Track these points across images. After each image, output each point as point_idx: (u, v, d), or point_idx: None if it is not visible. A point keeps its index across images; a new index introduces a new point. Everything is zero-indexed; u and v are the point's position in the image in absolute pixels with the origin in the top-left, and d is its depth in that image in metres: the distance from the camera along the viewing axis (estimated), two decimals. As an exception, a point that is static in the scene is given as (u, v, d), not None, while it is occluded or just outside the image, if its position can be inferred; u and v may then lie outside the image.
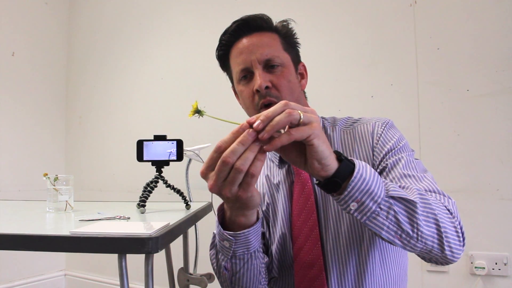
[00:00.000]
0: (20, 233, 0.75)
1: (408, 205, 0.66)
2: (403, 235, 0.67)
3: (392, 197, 0.66)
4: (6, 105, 2.58)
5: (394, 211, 0.65)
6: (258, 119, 0.58)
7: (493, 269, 1.54)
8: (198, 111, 0.65)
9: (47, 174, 1.12)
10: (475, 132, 1.60)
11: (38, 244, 0.74)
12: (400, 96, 1.76)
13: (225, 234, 0.73)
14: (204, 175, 0.62)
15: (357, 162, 0.64)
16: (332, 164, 0.62)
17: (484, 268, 1.55)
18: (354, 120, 0.97)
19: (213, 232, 0.89)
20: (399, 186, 0.74)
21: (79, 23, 2.97)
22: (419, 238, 0.67)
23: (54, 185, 1.11)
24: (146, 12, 2.62)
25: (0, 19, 2.57)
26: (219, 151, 0.59)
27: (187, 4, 2.45)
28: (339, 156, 0.64)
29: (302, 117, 0.58)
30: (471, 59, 1.62)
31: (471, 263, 1.57)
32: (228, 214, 0.72)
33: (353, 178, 0.62)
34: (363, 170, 0.64)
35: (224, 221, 0.75)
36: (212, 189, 0.61)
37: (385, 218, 0.65)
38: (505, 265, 1.53)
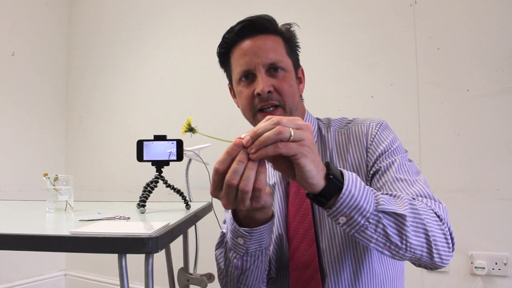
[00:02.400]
0: (20, 233, 0.75)
1: (398, 217, 0.67)
2: (392, 247, 0.67)
3: (382, 211, 0.66)
4: (6, 105, 2.58)
5: (383, 224, 0.66)
6: (247, 135, 0.58)
7: (493, 269, 1.54)
8: (190, 129, 0.65)
9: (47, 174, 1.12)
10: (475, 132, 1.60)
11: (38, 244, 0.74)
12: (400, 96, 1.76)
13: (241, 230, 0.73)
14: (215, 195, 0.63)
15: (346, 177, 0.64)
16: (319, 183, 0.62)
17: (484, 268, 1.55)
18: (348, 121, 0.97)
19: (222, 231, 0.89)
20: (391, 195, 0.74)
21: (79, 23, 2.97)
22: (408, 248, 0.68)
23: (54, 185, 1.11)
24: (146, 12, 2.62)
25: (0, 19, 2.57)
26: (218, 173, 0.60)
27: (187, 4, 2.45)
28: (328, 172, 0.63)
29: (292, 134, 0.58)
30: (471, 59, 1.62)
31: (471, 263, 1.57)
32: (243, 213, 0.73)
33: (341, 195, 0.62)
34: (352, 185, 0.64)
35: (237, 218, 0.75)
36: (226, 207, 0.63)
37: (373, 231, 0.66)
38: (505, 265, 1.53)
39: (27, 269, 2.61)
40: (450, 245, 0.72)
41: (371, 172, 0.87)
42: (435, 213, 0.73)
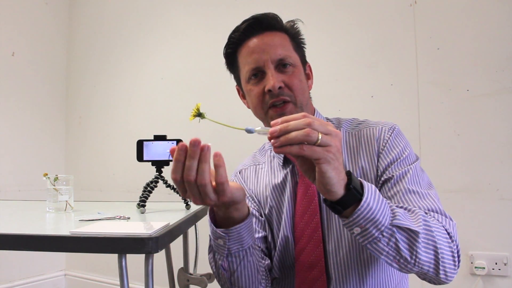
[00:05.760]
0: (20, 233, 0.75)
1: (411, 233, 0.67)
2: (401, 260, 0.68)
3: (396, 226, 0.66)
4: (6, 105, 2.58)
5: (396, 238, 0.66)
6: (277, 126, 0.59)
7: (493, 269, 1.54)
8: (199, 114, 0.65)
9: (47, 174, 1.12)
10: (475, 132, 1.60)
11: (38, 244, 0.74)
12: (400, 96, 1.76)
13: (218, 231, 0.75)
14: (186, 198, 0.65)
15: (366, 189, 0.64)
16: (338, 192, 0.62)
17: (484, 268, 1.55)
18: (359, 122, 0.96)
19: (209, 235, 0.89)
20: (406, 208, 0.75)
21: (79, 23, 2.97)
22: (416, 263, 0.69)
23: (54, 185, 1.11)
24: (146, 12, 2.62)
25: (0, 19, 2.57)
26: (177, 182, 0.62)
27: (187, 4, 2.45)
28: (349, 182, 0.63)
29: (319, 139, 0.58)
30: (471, 59, 1.62)
31: (471, 263, 1.57)
32: (220, 213, 0.74)
33: (359, 207, 0.63)
34: (371, 198, 0.64)
35: (216, 221, 0.77)
36: (196, 204, 0.65)
37: (385, 244, 0.67)
38: (505, 265, 1.53)
39: (27, 269, 2.60)
40: (456, 263, 0.74)
41: (382, 179, 0.86)
42: (446, 230, 0.74)
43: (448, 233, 0.74)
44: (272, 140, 0.59)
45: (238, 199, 0.68)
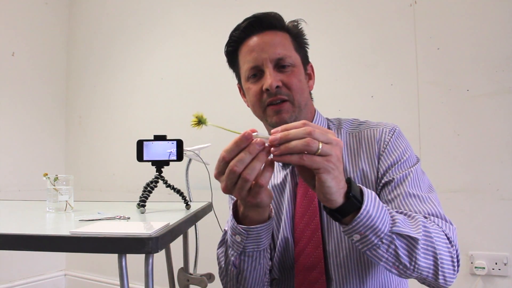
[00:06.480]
0: (20, 233, 0.75)
1: (411, 240, 0.67)
2: (401, 266, 0.69)
3: (396, 233, 0.66)
4: (6, 105, 2.58)
5: (395, 245, 0.66)
6: (277, 134, 0.58)
7: (493, 269, 1.54)
8: (200, 121, 0.64)
9: (47, 174, 1.12)
10: (475, 132, 1.60)
11: (38, 244, 0.74)
12: (400, 96, 1.76)
13: (239, 227, 0.74)
14: (217, 178, 0.64)
15: (365, 197, 0.64)
16: (337, 200, 0.62)
17: (484, 268, 1.55)
18: (360, 122, 0.96)
19: (224, 229, 0.88)
20: (405, 214, 0.75)
21: (79, 23, 2.97)
22: (416, 269, 0.69)
23: (54, 185, 1.11)
24: (146, 12, 2.62)
25: (0, 19, 2.57)
26: (224, 161, 0.61)
27: (187, 4, 2.45)
28: (349, 190, 0.63)
29: (320, 148, 0.57)
30: (471, 59, 1.62)
31: (471, 263, 1.57)
32: (241, 209, 0.74)
33: (359, 214, 0.63)
34: (371, 205, 0.64)
35: (237, 216, 0.76)
36: (224, 191, 0.64)
37: (385, 251, 0.67)
38: (505, 265, 1.53)
39: (27, 269, 2.61)
40: (456, 267, 0.74)
41: (382, 181, 0.86)
42: (446, 235, 0.74)
43: (448, 238, 0.74)
44: (272, 149, 0.58)
45: (263, 204, 0.68)
